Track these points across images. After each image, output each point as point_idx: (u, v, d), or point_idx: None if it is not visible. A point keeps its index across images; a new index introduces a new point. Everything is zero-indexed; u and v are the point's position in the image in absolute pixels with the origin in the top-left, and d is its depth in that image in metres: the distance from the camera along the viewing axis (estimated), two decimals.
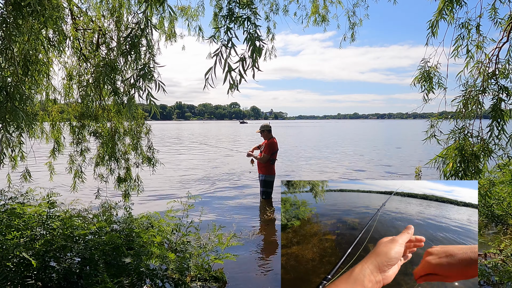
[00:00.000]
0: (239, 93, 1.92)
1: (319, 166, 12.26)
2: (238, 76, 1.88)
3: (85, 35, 4.14)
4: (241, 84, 1.89)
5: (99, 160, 4.49)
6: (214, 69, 1.86)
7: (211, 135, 37.68)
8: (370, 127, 74.71)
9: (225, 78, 1.87)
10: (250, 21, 1.92)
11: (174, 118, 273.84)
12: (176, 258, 2.88)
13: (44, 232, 2.87)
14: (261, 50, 1.87)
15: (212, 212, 6.00)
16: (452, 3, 2.88)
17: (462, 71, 2.98)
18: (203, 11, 5.23)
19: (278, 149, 6.52)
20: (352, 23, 5.25)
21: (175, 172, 10.62)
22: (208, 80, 1.87)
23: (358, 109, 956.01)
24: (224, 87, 1.89)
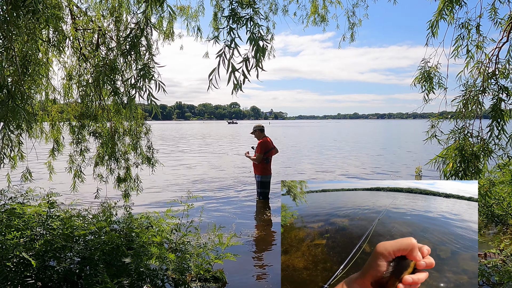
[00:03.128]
0: (239, 93, 1.91)
1: (320, 167, 12.26)
2: (242, 77, 1.87)
3: (85, 35, 4.13)
4: (243, 84, 1.89)
5: (98, 160, 4.49)
6: (218, 70, 1.86)
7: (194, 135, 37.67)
8: (370, 127, 74.74)
9: (229, 78, 1.86)
10: (253, 21, 1.91)
11: (174, 118, 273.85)
12: (176, 258, 2.88)
13: (44, 232, 2.87)
14: (265, 50, 1.87)
15: (211, 212, 6.00)
16: (452, 3, 2.88)
17: (462, 71, 2.98)
18: (203, 11, 5.22)
19: (273, 148, 6.50)
20: (352, 23, 5.25)
21: (175, 172, 10.62)
22: (212, 81, 1.87)
23: (358, 109, 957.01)
24: (225, 87, 1.89)
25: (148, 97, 2.07)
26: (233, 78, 1.86)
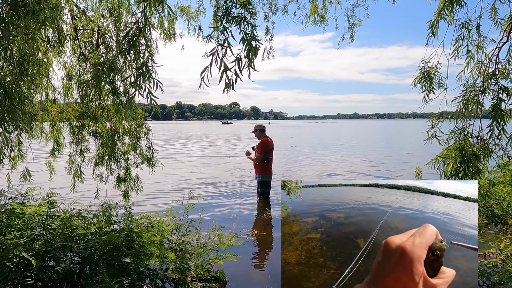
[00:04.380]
0: (239, 93, 1.92)
1: (320, 167, 12.26)
2: (234, 76, 1.88)
3: (85, 34, 4.13)
4: (241, 84, 1.90)
5: (98, 160, 4.49)
6: (210, 68, 1.86)
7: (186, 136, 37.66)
8: (370, 127, 74.73)
9: (221, 77, 1.86)
10: (247, 21, 1.92)
11: (174, 118, 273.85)
12: (176, 258, 2.88)
13: (44, 232, 2.87)
14: (257, 50, 1.87)
15: (211, 212, 6.00)
16: (452, 3, 2.88)
17: (462, 71, 2.98)
18: (204, 11, 5.22)
19: (273, 148, 6.51)
20: (352, 23, 5.25)
21: (175, 172, 10.62)
22: (203, 79, 1.87)
23: (358, 109, 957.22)
24: (223, 87, 1.89)
25: (147, 96, 2.07)
26: (225, 77, 1.87)
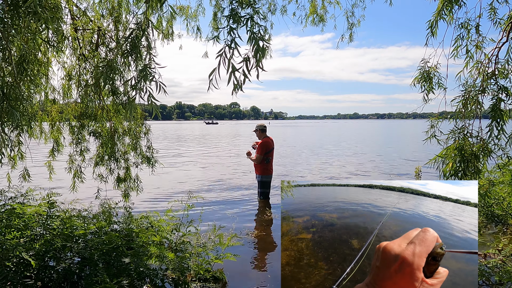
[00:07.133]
0: (239, 93, 1.91)
1: (320, 167, 12.26)
2: (242, 77, 1.87)
3: (84, 35, 4.13)
4: (244, 84, 1.89)
5: (98, 160, 4.49)
6: (218, 70, 1.85)
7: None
8: (370, 127, 74.73)
9: (229, 78, 1.85)
10: (253, 21, 1.91)
11: (174, 118, 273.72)
12: (176, 258, 2.88)
13: (44, 232, 2.87)
14: (265, 50, 1.86)
15: (211, 212, 6.00)
16: (451, 3, 2.88)
17: (462, 71, 2.98)
18: (203, 11, 5.22)
19: (274, 148, 6.52)
20: (351, 24, 5.25)
21: (175, 172, 10.62)
22: (212, 81, 1.86)
23: (358, 109, 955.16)
24: (225, 87, 1.89)
25: (148, 98, 2.07)
26: (233, 78, 1.85)
